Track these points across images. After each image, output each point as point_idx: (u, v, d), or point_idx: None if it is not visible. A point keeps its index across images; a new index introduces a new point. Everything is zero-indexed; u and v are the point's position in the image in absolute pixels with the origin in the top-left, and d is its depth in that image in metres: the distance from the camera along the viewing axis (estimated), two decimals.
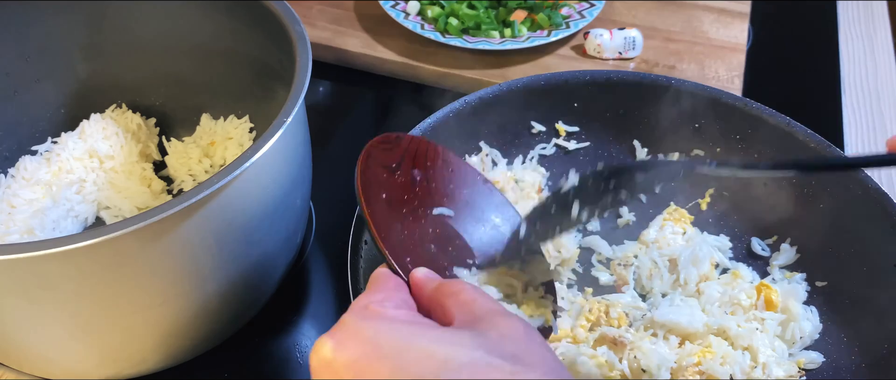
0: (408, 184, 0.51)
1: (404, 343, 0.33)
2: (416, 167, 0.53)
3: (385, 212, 0.48)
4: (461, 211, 0.54)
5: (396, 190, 0.50)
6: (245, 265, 0.55)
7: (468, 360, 0.32)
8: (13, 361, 0.56)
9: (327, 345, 0.34)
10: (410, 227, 0.49)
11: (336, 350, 0.34)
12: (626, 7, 1.01)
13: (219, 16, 0.69)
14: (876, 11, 1.09)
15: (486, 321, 0.36)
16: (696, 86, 0.67)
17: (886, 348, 0.55)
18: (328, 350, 0.34)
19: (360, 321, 0.35)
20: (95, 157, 0.72)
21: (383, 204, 0.48)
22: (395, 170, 0.51)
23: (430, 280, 0.42)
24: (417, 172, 0.53)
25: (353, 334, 0.34)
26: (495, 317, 0.36)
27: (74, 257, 0.44)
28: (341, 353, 0.34)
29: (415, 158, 0.53)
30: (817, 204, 0.64)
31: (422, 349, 0.33)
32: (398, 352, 0.33)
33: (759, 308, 0.60)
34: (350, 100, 0.92)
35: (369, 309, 0.36)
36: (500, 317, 0.36)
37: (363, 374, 0.33)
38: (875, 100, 0.93)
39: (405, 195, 0.51)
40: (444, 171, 0.55)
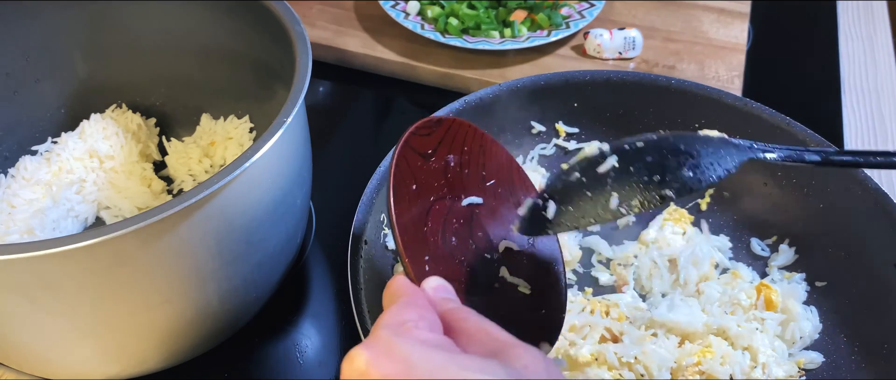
0: (441, 170, 0.49)
1: (438, 368, 0.34)
2: (452, 153, 0.51)
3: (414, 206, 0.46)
4: (489, 202, 0.52)
5: (428, 177, 0.48)
6: (245, 265, 0.55)
7: None
8: (13, 361, 0.56)
9: (362, 357, 0.34)
10: (435, 218, 0.48)
11: (371, 364, 0.34)
12: (626, 7, 1.01)
13: (219, 16, 0.69)
14: (876, 11, 1.09)
15: (504, 353, 0.36)
16: (696, 86, 0.67)
17: (886, 348, 0.55)
18: (363, 362, 0.34)
19: (395, 339, 0.35)
20: (95, 157, 0.72)
21: (413, 196, 0.47)
22: (430, 156, 0.49)
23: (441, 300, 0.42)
24: (452, 158, 0.50)
25: (389, 352, 0.34)
26: (514, 348, 0.36)
27: (74, 257, 0.44)
28: (376, 368, 0.34)
29: (452, 142, 0.51)
30: (817, 204, 0.64)
31: (453, 375, 0.33)
32: (431, 375, 0.33)
33: (759, 308, 0.61)
34: (350, 100, 0.92)
35: (405, 328, 0.36)
36: (518, 349, 0.36)
37: None
38: (875, 100, 0.93)
39: (436, 182, 0.49)
40: (479, 157, 0.52)
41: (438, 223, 0.48)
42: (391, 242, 0.62)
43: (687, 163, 0.43)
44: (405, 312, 0.38)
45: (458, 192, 0.50)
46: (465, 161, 0.51)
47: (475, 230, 0.50)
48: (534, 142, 0.71)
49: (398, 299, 0.40)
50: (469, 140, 0.52)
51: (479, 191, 0.51)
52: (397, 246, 0.45)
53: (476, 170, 0.52)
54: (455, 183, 0.50)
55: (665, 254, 0.65)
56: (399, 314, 0.38)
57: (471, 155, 0.52)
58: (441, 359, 0.34)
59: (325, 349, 0.64)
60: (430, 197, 0.48)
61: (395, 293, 0.41)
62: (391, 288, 0.42)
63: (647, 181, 0.43)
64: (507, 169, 0.54)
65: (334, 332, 0.66)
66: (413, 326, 0.37)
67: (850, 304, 0.60)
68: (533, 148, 0.71)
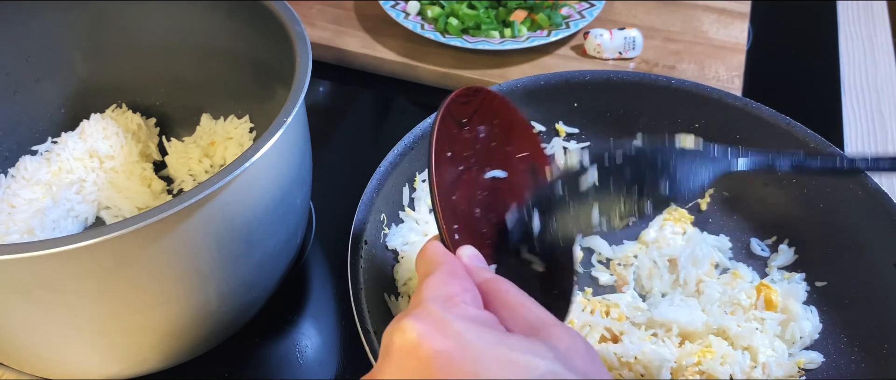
0: (472, 140, 0.49)
1: (489, 347, 0.34)
2: (483, 124, 0.51)
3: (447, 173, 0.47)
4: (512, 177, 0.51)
5: (460, 146, 0.48)
6: (245, 265, 0.55)
7: (546, 370, 0.33)
8: (13, 361, 0.56)
9: (415, 329, 0.34)
10: (464, 188, 0.48)
11: (423, 337, 0.34)
12: (626, 7, 1.01)
13: (219, 16, 0.69)
14: (876, 11, 1.09)
15: (545, 331, 0.36)
16: (696, 86, 0.67)
17: (886, 348, 0.55)
18: (415, 335, 0.34)
19: (446, 314, 0.35)
20: (95, 157, 0.72)
21: (447, 164, 0.47)
22: (464, 125, 0.49)
23: (477, 269, 0.41)
24: (483, 129, 0.50)
25: (441, 327, 0.34)
26: (554, 328, 0.36)
27: (74, 257, 0.44)
28: (428, 341, 0.33)
29: (486, 113, 0.51)
30: (817, 204, 0.64)
31: (504, 355, 0.33)
32: (483, 353, 0.33)
33: (759, 308, 0.61)
34: (350, 100, 0.92)
35: (453, 302, 0.36)
36: (559, 328, 0.36)
37: (448, 367, 0.33)
38: (875, 100, 0.93)
39: (466, 151, 0.49)
40: (508, 132, 0.52)
41: (465, 193, 0.47)
42: (391, 242, 0.62)
43: (663, 177, 0.45)
44: (450, 284, 0.38)
45: (484, 163, 0.50)
46: (495, 134, 0.51)
47: (497, 204, 0.50)
48: None
49: (436, 266, 0.40)
50: (501, 113, 0.52)
51: (503, 165, 0.51)
52: (436, 212, 0.44)
53: (503, 144, 0.52)
54: (483, 154, 0.50)
55: (665, 254, 0.65)
56: (445, 286, 0.37)
57: (501, 128, 0.51)
58: (491, 338, 0.34)
59: (325, 349, 0.64)
60: (461, 166, 0.48)
61: (432, 260, 0.41)
62: (427, 254, 0.42)
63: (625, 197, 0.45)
64: (532, 147, 0.54)
65: (334, 332, 0.66)
66: (461, 300, 0.36)
67: (850, 304, 0.60)
68: None
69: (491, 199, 0.49)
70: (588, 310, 0.60)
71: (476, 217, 0.48)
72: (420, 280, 0.40)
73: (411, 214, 0.64)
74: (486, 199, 0.49)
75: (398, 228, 0.63)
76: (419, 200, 0.65)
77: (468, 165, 0.49)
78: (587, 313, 0.60)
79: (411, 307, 0.37)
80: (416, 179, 0.66)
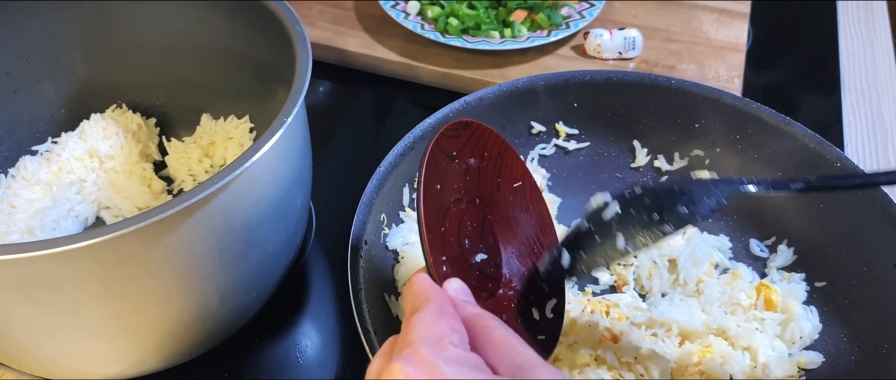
0: (462, 172, 0.50)
1: None
2: (473, 156, 0.52)
3: (435, 205, 0.47)
4: (502, 210, 0.53)
5: (451, 178, 0.49)
6: (245, 265, 0.55)
7: None
8: (13, 361, 0.56)
9: (406, 370, 0.35)
10: (452, 219, 0.48)
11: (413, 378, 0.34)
12: (626, 7, 1.01)
13: (219, 16, 0.69)
14: (876, 11, 1.09)
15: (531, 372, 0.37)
16: (696, 86, 0.67)
17: (886, 348, 0.55)
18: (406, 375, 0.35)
19: (435, 358, 0.35)
20: (95, 157, 0.72)
21: (436, 197, 0.48)
22: (454, 158, 0.50)
23: (463, 304, 0.42)
24: (473, 161, 0.51)
25: (430, 371, 0.35)
26: (539, 369, 0.37)
27: (74, 257, 0.44)
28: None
29: (475, 146, 0.52)
30: (817, 204, 0.64)
31: None
32: None
33: (759, 308, 0.61)
34: (350, 100, 0.92)
35: (442, 344, 0.37)
36: (543, 370, 0.37)
37: None
38: (875, 100, 0.93)
39: (456, 184, 0.50)
40: (497, 163, 0.53)
41: (455, 225, 0.48)
42: (391, 242, 0.62)
43: (681, 200, 0.47)
44: (439, 323, 0.38)
45: (474, 195, 0.51)
46: (485, 167, 0.52)
47: (486, 236, 0.51)
48: (534, 142, 0.71)
49: (423, 300, 0.40)
50: (490, 146, 0.53)
51: (493, 197, 0.52)
52: (423, 245, 0.45)
53: (493, 176, 0.53)
54: (472, 186, 0.51)
55: (665, 254, 0.65)
56: (435, 326, 0.38)
57: (490, 161, 0.53)
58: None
59: (325, 349, 0.64)
60: (451, 198, 0.49)
61: (419, 294, 0.41)
62: (414, 287, 0.42)
63: (647, 221, 0.47)
64: (521, 179, 0.55)
65: (334, 332, 0.66)
66: (449, 342, 0.37)
67: (850, 304, 0.60)
68: (533, 148, 0.71)
69: (481, 231, 0.50)
70: (588, 310, 0.60)
71: (465, 248, 0.49)
72: (407, 314, 0.40)
73: (411, 214, 0.64)
74: (476, 231, 0.50)
75: (398, 229, 0.63)
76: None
77: (458, 196, 0.50)
78: (587, 313, 0.60)
79: (400, 347, 0.37)
80: (416, 179, 0.66)
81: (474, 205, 0.51)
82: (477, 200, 0.51)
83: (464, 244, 0.48)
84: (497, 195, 0.53)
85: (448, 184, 0.49)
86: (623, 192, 0.50)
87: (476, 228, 0.50)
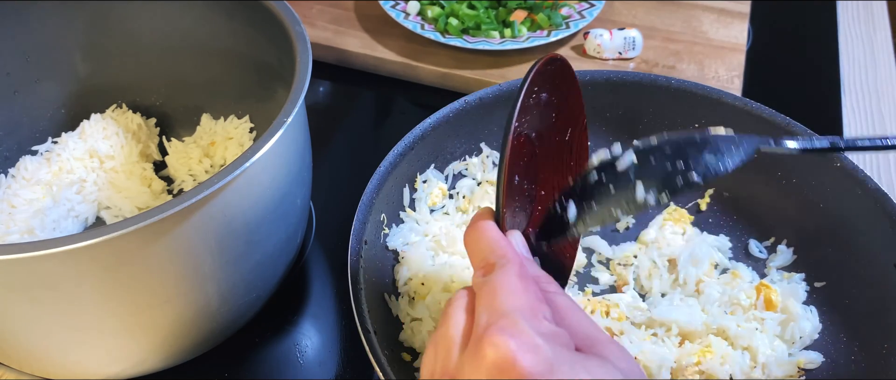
0: (532, 106, 0.46)
1: (570, 370, 0.34)
2: (546, 91, 0.47)
3: (519, 148, 0.44)
4: (550, 148, 0.48)
5: (525, 113, 0.45)
6: (245, 265, 0.55)
7: None
8: (13, 361, 0.56)
9: (510, 346, 0.34)
10: (514, 154, 0.44)
11: (517, 358, 0.33)
12: (626, 7, 1.01)
13: (219, 16, 0.69)
14: (876, 11, 1.09)
15: (600, 347, 0.36)
16: (696, 86, 0.67)
17: (886, 348, 0.55)
18: (510, 353, 0.34)
19: (535, 333, 0.34)
20: (96, 157, 0.72)
21: (516, 136, 0.44)
22: (535, 93, 0.46)
23: (529, 262, 0.41)
24: (545, 95, 0.47)
25: (533, 347, 0.34)
26: (608, 345, 0.36)
27: (74, 257, 0.44)
28: (522, 362, 0.33)
29: (552, 80, 0.47)
30: (817, 204, 0.64)
31: (583, 378, 0.34)
32: (565, 377, 0.34)
33: (759, 308, 0.61)
34: (350, 100, 0.92)
35: (537, 317, 0.36)
36: (612, 345, 0.36)
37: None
38: (875, 100, 0.93)
39: (526, 117, 0.45)
40: (561, 100, 0.49)
41: (516, 161, 0.45)
42: (391, 242, 0.62)
43: (707, 149, 0.43)
44: (528, 291, 0.37)
45: (532, 128, 0.46)
46: (550, 101, 0.48)
47: (530, 173, 0.47)
48: None
49: (500, 258, 0.39)
50: (563, 81, 0.49)
51: (548, 134, 0.48)
52: (500, 187, 0.42)
53: (551, 112, 0.48)
54: (534, 120, 0.46)
55: (665, 254, 0.65)
56: (525, 294, 0.37)
57: (558, 97, 0.48)
58: (571, 361, 0.34)
59: (325, 349, 0.64)
60: (524, 133, 0.45)
61: (494, 249, 0.39)
62: (485, 237, 0.40)
63: (671, 169, 0.42)
64: (578, 124, 0.51)
65: (334, 332, 0.66)
66: (543, 316, 0.36)
67: (850, 304, 0.60)
68: None
69: (527, 166, 0.46)
70: (588, 310, 0.60)
71: (515, 184, 0.45)
72: (482, 269, 0.39)
73: (411, 215, 0.64)
74: (525, 166, 0.46)
75: (398, 229, 0.63)
76: (419, 201, 0.65)
77: (522, 129, 0.45)
78: (587, 313, 0.60)
79: (494, 314, 0.36)
80: (416, 180, 0.66)
81: (530, 139, 0.46)
82: (533, 133, 0.46)
83: (514, 180, 0.44)
84: (551, 131, 0.48)
85: (523, 120, 0.45)
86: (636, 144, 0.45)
87: (526, 163, 0.46)
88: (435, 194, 0.66)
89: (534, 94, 0.45)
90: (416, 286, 0.59)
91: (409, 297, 0.60)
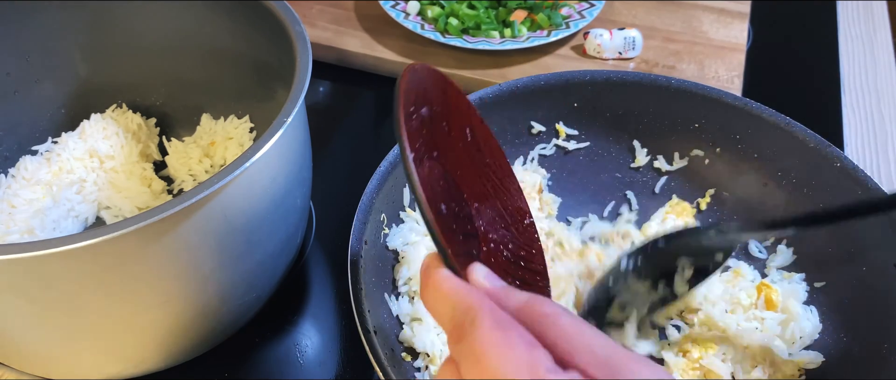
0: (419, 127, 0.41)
1: None
2: (424, 104, 0.42)
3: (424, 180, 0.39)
4: (454, 155, 0.44)
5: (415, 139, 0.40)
6: (245, 265, 0.55)
7: None
8: (13, 361, 0.56)
9: None
10: (426, 184, 0.39)
11: None
12: (626, 7, 1.01)
13: (219, 16, 0.69)
14: (876, 11, 1.09)
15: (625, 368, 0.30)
16: (696, 86, 0.67)
17: (886, 347, 0.55)
18: None
19: None
20: (96, 157, 0.72)
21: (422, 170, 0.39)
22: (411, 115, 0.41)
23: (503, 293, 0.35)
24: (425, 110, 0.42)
25: None
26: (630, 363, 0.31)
27: (74, 257, 0.44)
28: None
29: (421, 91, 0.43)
30: (817, 204, 0.64)
31: None
32: None
33: (760, 307, 0.60)
34: (350, 100, 0.92)
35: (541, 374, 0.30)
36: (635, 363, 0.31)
37: None
38: (875, 100, 0.93)
39: (417, 143, 0.40)
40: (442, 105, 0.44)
41: (433, 191, 0.39)
42: (392, 242, 0.62)
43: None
44: (515, 345, 0.31)
45: (431, 149, 0.41)
46: (435, 113, 0.43)
47: (453, 191, 0.42)
48: (534, 142, 0.71)
49: (466, 313, 0.33)
50: (432, 87, 0.44)
51: (446, 143, 0.44)
52: (433, 231, 0.37)
53: (440, 120, 0.44)
54: (428, 138, 0.42)
55: None
56: (514, 352, 0.30)
57: (436, 104, 0.44)
58: None
59: (325, 349, 0.64)
60: (420, 160, 0.40)
61: (457, 304, 0.34)
62: (444, 292, 0.35)
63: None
64: (472, 118, 0.47)
65: (334, 332, 0.66)
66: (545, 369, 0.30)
67: (850, 304, 0.60)
68: (533, 148, 0.71)
69: (447, 187, 0.41)
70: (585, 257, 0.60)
71: (444, 214, 0.39)
72: (457, 335, 0.33)
73: (412, 215, 0.64)
74: (444, 189, 0.41)
75: (399, 229, 0.63)
76: None
77: (420, 154, 0.40)
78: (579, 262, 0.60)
79: None
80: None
81: (434, 160, 0.41)
82: (434, 152, 0.41)
83: (442, 211, 0.39)
84: (449, 140, 0.44)
85: (416, 145, 0.40)
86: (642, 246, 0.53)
87: (444, 187, 0.41)
88: None
89: (412, 116, 0.40)
90: (416, 286, 0.59)
91: (409, 297, 0.60)
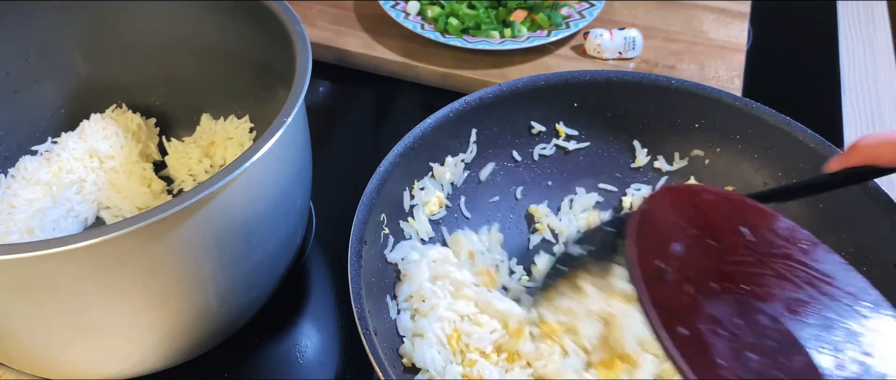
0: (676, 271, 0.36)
1: None
2: (676, 241, 0.38)
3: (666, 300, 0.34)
4: (740, 270, 0.39)
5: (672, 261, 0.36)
6: (245, 265, 0.55)
7: None
8: (13, 361, 0.56)
9: None
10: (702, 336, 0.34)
11: None
12: (626, 7, 1.01)
13: (219, 16, 0.69)
14: (876, 11, 1.09)
15: None
16: (696, 86, 0.67)
17: None
18: None
19: None
20: (95, 157, 0.72)
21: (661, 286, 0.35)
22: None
23: None
24: (678, 247, 0.38)
25: None
26: None
27: (74, 257, 0.44)
28: None
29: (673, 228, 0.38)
30: (817, 204, 0.64)
31: None
32: None
33: None
34: (350, 100, 0.92)
35: None
36: None
37: None
38: (875, 100, 0.93)
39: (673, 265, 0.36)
40: (698, 221, 0.39)
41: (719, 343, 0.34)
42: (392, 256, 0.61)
43: None
44: None
45: (704, 283, 0.37)
46: (693, 238, 0.39)
47: (698, 308, 0.37)
48: (534, 142, 0.71)
49: None
50: (675, 216, 0.40)
51: (722, 263, 0.39)
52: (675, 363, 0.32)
53: (703, 241, 0.39)
54: (697, 276, 0.37)
55: None
56: None
57: (697, 227, 0.40)
58: None
59: (325, 349, 0.64)
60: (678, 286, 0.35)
61: None
62: None
63: None
64: (748, 214, 0.42)
65: (334, 332, 0.66)
66: None
67: None
68: (533, 148, 0.71)
69: (749, 323, 0.36)
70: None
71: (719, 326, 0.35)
72: None
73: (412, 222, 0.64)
74: (691, 311, 0.35)
75: (399, 245, 0.62)
76: (418, 208, 0.65)
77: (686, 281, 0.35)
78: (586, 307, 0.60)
79: None
80: (414, 187, 0.65)
81: (714, 292, 0.35)
82: (712, 283, 0.36)
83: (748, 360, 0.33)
84: (725, 257, 0.38)
85: (674, 308, 0.34)
86: None
87: (687, 309, 0.35)
88: (432, 203, 0.66)
89: (659, 275, 0.35)
90: (418, 303, 0.59)
91: (410, 313, 0.59)
